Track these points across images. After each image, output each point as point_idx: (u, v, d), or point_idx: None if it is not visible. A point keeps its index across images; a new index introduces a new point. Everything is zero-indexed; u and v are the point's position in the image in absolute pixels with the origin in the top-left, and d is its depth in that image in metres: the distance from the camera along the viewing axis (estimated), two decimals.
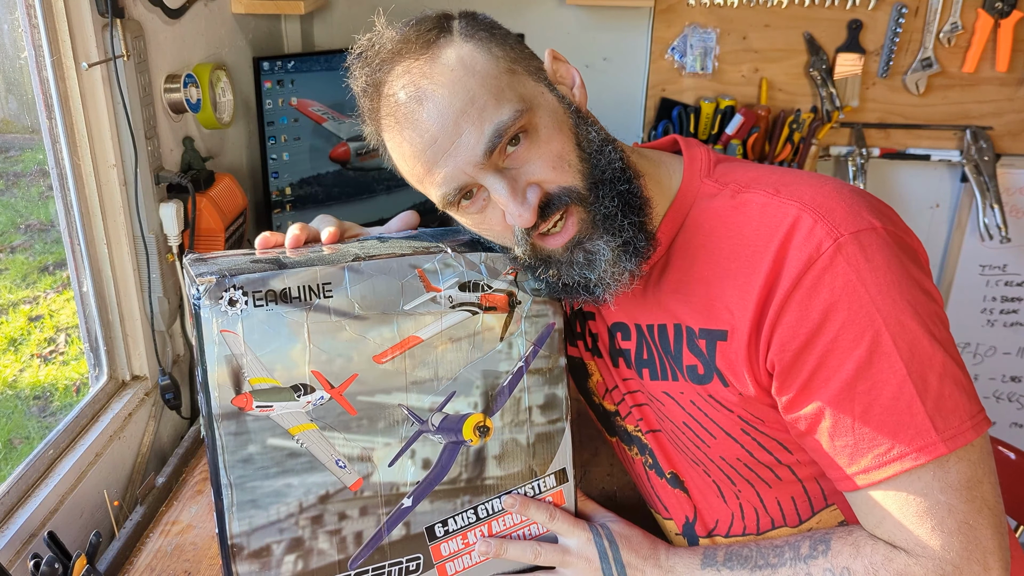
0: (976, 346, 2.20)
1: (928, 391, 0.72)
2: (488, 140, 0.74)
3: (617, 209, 0.79)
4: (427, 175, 0.78)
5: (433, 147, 0.76)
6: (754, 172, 0.84)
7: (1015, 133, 2.01)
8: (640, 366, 0.91)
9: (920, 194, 2.11)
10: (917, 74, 1.96)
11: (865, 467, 0.74)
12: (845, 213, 0.75)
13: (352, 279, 0.79)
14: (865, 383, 0.73)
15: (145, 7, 1.28)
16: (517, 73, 0.79)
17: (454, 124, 0.75)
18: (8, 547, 0.97)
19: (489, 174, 0.76)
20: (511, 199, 0.76)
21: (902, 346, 0.72)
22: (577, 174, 0.78)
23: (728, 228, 0.80)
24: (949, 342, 0.75)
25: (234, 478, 0.78)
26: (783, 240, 0.75)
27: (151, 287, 1.30)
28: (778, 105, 2.04)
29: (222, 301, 0.74)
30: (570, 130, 0.80)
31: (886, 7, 1.92)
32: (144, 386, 1.32)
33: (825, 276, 0.72)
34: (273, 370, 0.77)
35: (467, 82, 0.75)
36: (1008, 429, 2.27)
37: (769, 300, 0.75)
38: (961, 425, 0.72)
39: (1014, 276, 2.13)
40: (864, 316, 0.72)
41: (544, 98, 0.79)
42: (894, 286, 0.72)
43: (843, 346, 0.73)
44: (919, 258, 0.78)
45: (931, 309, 0.74)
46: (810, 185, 0.79)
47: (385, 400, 0.82)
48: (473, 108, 0.74)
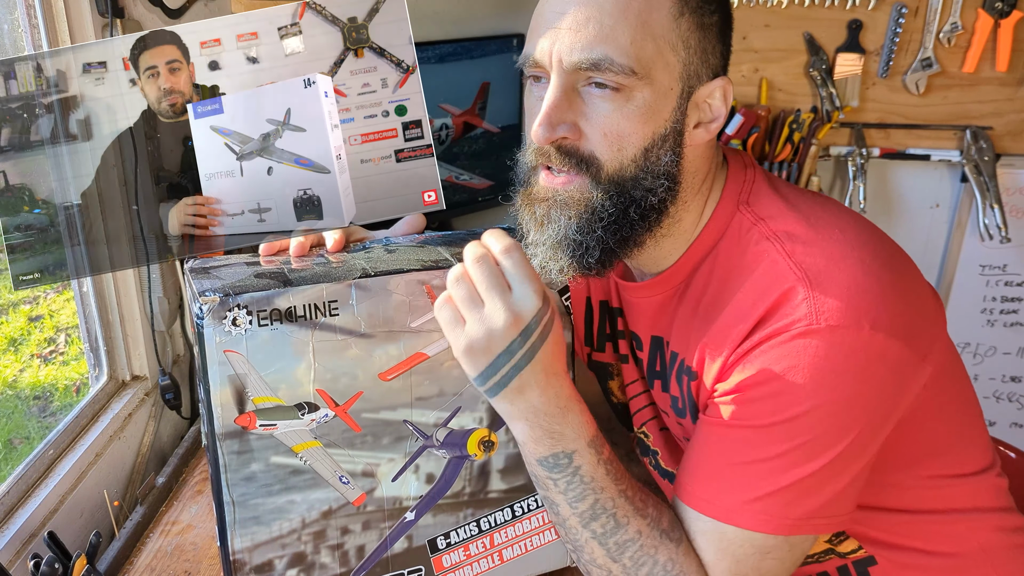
0: (976, 346, 2.20)
1: (785, 481, 0.73)
2: (586, 58, 0.73)
3: (608, 217, 0.78)
4: (534, 32, 0.78)
5: (557, 16, 0.75)
6: (789, 215, 0.80)
7: (1015, 133, 2.00)
8: (652, 377, 0.92)
9: (920, 194, 2.11)
10: (917, 74, 1.96)
11: (695, 493, 0.78)
12: (839, 301, 0.72)
13: (359, 297, 0.78)
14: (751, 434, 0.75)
15: (145, 7, 1.28)
16: (675, 51, 0.75)
17: (584, 19, 0.73)
18: (8, 547, 0.97)
19: (559, 77, 0.75)
20: (548, 113, 0.75)
21: (796, 435, 0.72)
22: (615, 163, 0.77)
23: (740, 278, 0.79)
24: (851, 455, 0.74)
25: (237, 496, 0.78)
26: (769, 308, 0.74)
27: (151, 287, 1.30)
28: (778, 105, 2.04)
29: (226, 321, 0.73)
30: (653, 133, 0.77)
31: (886, 7, 1.92)
32: (144, 386, 1.32)
33: (778, 349, 0.72)
34: (277, 389, 0.77)
35: (629, 8, 0.73)
36: (1008, 429, 2.27)
37: (733, 353, 0.76)
38: (794, 519, 0.74)
39: (1014, 276, 2.13)
40: (787, 399, 0.72)
41: (664, 90, 0.76)
42: (833, 393, 0.72)
43: (760, 402, 0.74)
44: (902, 368, 0.74)
45: (860, 425, 0.73)
46: (836, 249, 0.76)
47: (390, 416, 0.82)
48: (607, 24, 0.73)
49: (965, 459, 0.86)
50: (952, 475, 0.85)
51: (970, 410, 0.89)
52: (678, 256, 0.85)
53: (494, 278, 0.72)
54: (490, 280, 0.72)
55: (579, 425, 0.76)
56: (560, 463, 0.77)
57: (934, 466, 0.84)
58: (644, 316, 0.91)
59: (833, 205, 0.83)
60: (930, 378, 0.77)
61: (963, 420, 0.87)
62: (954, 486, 0.86)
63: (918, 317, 0.76)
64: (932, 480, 0.85)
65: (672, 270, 0.86)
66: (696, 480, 0.78)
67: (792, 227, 0.78)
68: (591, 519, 0.77)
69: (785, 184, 0.87)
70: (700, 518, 0.77)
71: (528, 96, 0.82)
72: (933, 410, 0.80)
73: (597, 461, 0.76)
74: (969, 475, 0.86)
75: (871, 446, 0.75)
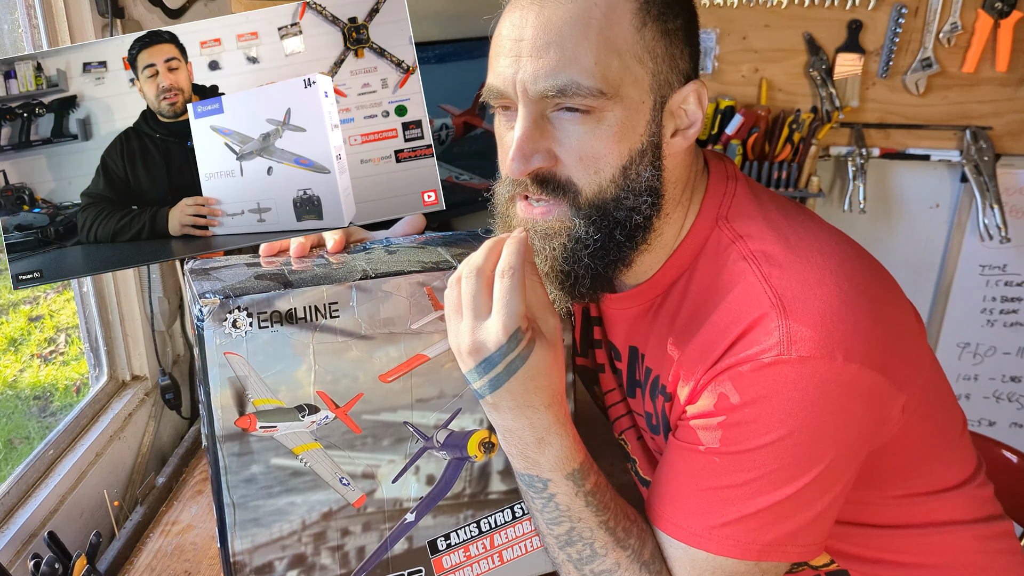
0: (976, 346, 2.20)
1: (753, 507, 0.73)
2: (552, 85, 0.71)
3: (594, 244, 0.76)
4: (493, 60, 0.76)
5: (515, 43, 0.73)
6: (769, 234, 0.78)
7: (1015, 133, 2.01)
8: (632, 386, 0.91)
9: (920, 194, 2.11)
10: (917, 74, 1.96)
11: (665, 516, 0.77)
12: (812, 331, 0.70)
13: (360, 298, 0.77)
14: (719, 460, 0.74)
15: (145, 7, 1.29)
16: (642, 63, 0.73)
17: (544, 44, 0.71)
18: (8, 547, 0.97)
19: (526, 107, 0.73)
20: (521, 145, 0.73)
21: (766, 463, 0.72)
22: (594, 186, 0.75)
23: (716, 298, 0.77)
24: (822, 484, 0.73)
25: (237, 498, 0.78)
26: (741, 332, 0.73)
27: (151, 287, 1.30)
28: (778, 105, 2.04)
29: (226, 323, 0.73)
30: (629, 150, 0.74)
31: (886, 7, 1.92)
32: (144, 386, 1.32)
33: (750, 376, 0.71)
34: (278, 391, 0.76)
35: (589, 27, 0.71)
36: (1008, 429, 2.27)
37: (705, 375, 0.75)
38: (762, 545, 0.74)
39: (1014, 276, 2.13)
40: (758, 427, 0.71)
41: (635, 105, 0.74)
42: (804, 423, 0.70)
43: (731, 429, 0.73)
44: (877, 398, 0.73)
45: (831, 455, 0.72)
46: (814, 275, 0.73)
47: (390, 418, 0.82)
48: (568, 47, 0.70)
49: (941, 476, 0.85)
50: (926, 492, 0.84)
51: (950, 428, 0.87)
52: (656, 269, 0.83)
53: (472, 299, 0.71)
54: (468, 300, 0.71)
55: (557, 458, 0.74)
56: (535, 485, 0.76)
57: (908, 485, 0.83)
58: (621, 327, 0.90)
59: (814, 223, 0.81)
60: (907, 403, 0.75)
61: (941, 438, 0.85)
62: (928, 502, 0.85)
63: (895, 344, 0.74)
64: (905, 498, 0.84)
65: (649, 283, 0.84)
66: (665, 502, 0.78)
67: (770, 248, 0.76)
68: (567, 544, 0.77)
69: (768, 195, 0.84)
70: (672, 542, 0.77)
71: (498, 124, 0.80)
72: (909, 433, 0.79)
73: (575, 493, 0.75)
74: (945, 491, 0.85)
75: (844, 475, 0.75)
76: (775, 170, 1.99)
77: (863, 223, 2.07)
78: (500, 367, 0.70)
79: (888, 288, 0.79)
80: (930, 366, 0.84)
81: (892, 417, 0.75)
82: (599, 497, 0.77)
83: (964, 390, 2.23)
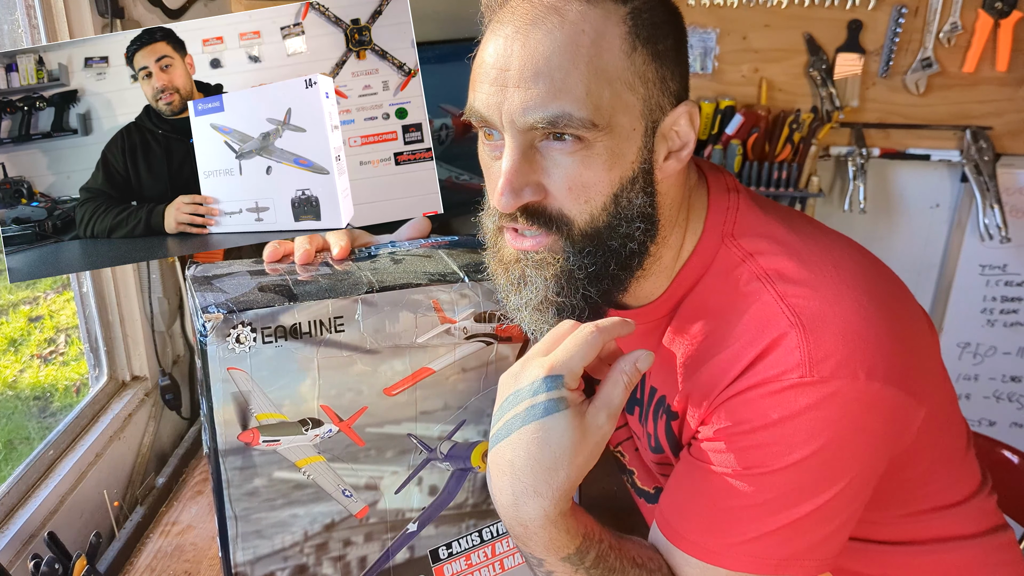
0: (976, 346, 2.20)
1: (774, 524, 0.72)
2: (541, 117, 0.68)
3: (589, 275, 0.74)
4: (477, 84, 0.73)
5: (500, 73, 0.70)
6: (780, 251, 0.76)
7: (1015, 133, 2.00)
8: (632, 404, 0.91)
9: (920, 194, 2.11)
10: (917, 74, 1.96)
11: (682, 534, 0.76)
12: (834, 350, 0.69)
13: (365, 312, 0.76)
14: (739, 481, 0.73)
15: (145, 7, 1.28)
16: (633, 89, 0.70)
17: (533, 75, 0.68)
18: (8, 547, 0.97)
19: (513, 139, 0.70)
20: (510, 179, 0.70)
21: (787, 482, 0.71)
22: (585, 216, 0.73)
23: (730, 320, 0.75)
24: (842, 500, 0.72)
25: (239, 511, 0.77)
26: (760, 352, 0.71)
27: (151, 287, 1.30)
28: (778, 105, 2.03)
29: (229, 338, 0.71)
30: (620, 178, 0.72)
31: (886, 7, 1.92)
32: (144, 386, 1.32)
33: (771, 399, 0.70)
34: (281, 406, 0.75)
35: (578, 55, 0.67)
36: (1008, 429, 2.27)
37: (721, 394, 0.74)
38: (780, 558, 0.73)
39: (1014, 276, 2.13)
40: (779, 448, 0.70)
41: (626, 132, 0.71)
42: (827, 443, 0.69)
43: (752, 451, 0.72)
44: (899, 414, 0.72)
45: (853, 472, 0.72)
46: (831, 291, 0.72)
47: (394, 430, 0.81)
48: (558, 78, 0.67)
49: (948, 491, 0.85)
50: (933, 508, 0.84)
51: (959, 441, 0.87)
52: (660, 291, 0.81)
53: (554, 339, 0.70)
54: (550, 337, 0.71)
55: (547, 547, 0.71)
56: (530, 560, 0.74)
57: (916, 502, 0.83)
58: (623, 345, 0.90)
59: (822, 232, 0.80)
60: (925, 416, 0.75)
61: (951, 452, 0.85)
62: (935, 519, 0.84)
63: (914, 358, 0.74)
64: (913, 516, 0.83)
65: (655, 305, 0.82)
66: (682, 520, 0.76)
67: (783, 265, 0.74)
68: None
69: (772, 206, 0.82)
70: (689, 560, 0.75)
71: (482, 151, 0.77)
72: (923, 447, 0.78)
73: (575, 571, 0.72)
74: (951, 506, 0.85)
75: (864, 491, 0.74)
76: (775, 170, 1.99)
77: (863, 223, 2.07)
78: (522, 406, 0.68)
79: (903, 298, 0.78)
80: (942, 376, 0.83)
81: (912, 431, 0.75)
82: (606, 564, 0.74)
83: (964, 390, 2.23)
